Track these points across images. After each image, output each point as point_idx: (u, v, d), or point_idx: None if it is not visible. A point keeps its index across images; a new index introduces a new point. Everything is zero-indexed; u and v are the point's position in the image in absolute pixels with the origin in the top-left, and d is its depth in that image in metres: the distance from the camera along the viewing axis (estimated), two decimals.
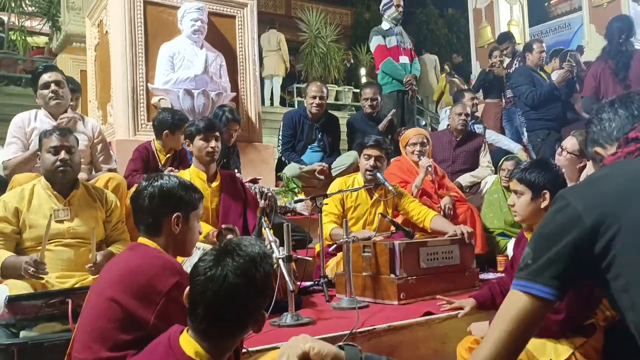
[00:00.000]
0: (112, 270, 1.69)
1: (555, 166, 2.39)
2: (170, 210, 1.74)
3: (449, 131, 4.87)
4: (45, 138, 2.69)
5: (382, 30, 5.66)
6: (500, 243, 4.03)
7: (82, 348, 1.56)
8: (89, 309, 1.63)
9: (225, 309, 1.28)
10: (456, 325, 2.48)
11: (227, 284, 1.27)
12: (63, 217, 2.66)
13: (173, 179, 1.80)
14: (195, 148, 3.07)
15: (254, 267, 1.30)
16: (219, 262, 1.30)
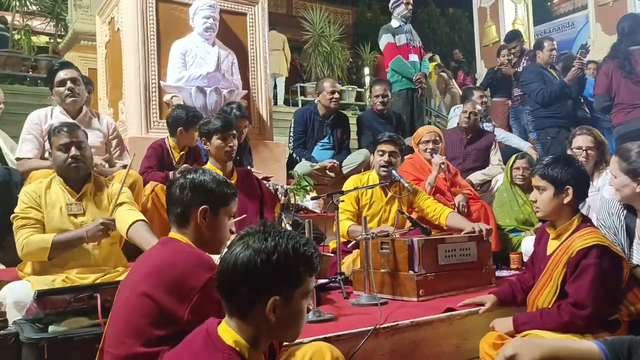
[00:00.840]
0: (145, 264, 1.69)
1: (577, 161, 2.39)
2: (198, 202, 1.73)
3: (460, 129, 4.87)
4: (54, 136, 2.67)
5: (391, 28, 5.67)
6: (512, 240, 4.03)
7: (116, 343, 1.56)
8: (121, 303, 1.63)
9: (229, 277, 1.29)
10: (477, 321, 2.47)
11: (235, 253, 1.29)
12: (76, 211, 2.66)
13: (208, 173, 1.80)
14: (212, 147, 3.07)
15: (265, 244, 1.29)
16: (242, 236, 1.33)
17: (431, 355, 2.39)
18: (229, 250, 1.33)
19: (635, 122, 4.46)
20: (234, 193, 1.82)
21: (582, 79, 5.54)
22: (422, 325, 2.39)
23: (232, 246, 1.33)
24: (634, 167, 2.28)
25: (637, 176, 2.27)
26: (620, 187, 2.34)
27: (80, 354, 1.81)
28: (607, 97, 4.69)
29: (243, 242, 1.31)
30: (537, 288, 2.32)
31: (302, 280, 1.32)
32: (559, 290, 2.20)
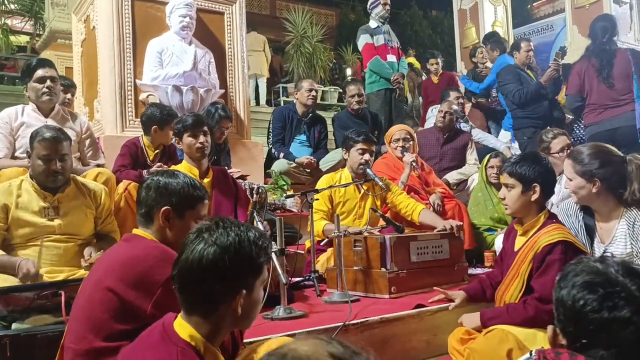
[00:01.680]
0: (108, 260, 1.68)
1: (545, 159, 2.42)
2: (161, 204, 1.73)
3: (436, 129, 4.91)
4: (37, 142, 2.61)
5: (369, 29, 5.69)
6: (487, 239, 4.07)
7: (76, 338, 1.55)
8: (83, 299, 1.62)
9: (193, 275, 1.28)
10: (447, 317, 2.50)
11: (197, 250, 1.28)
12: (52, 215, 2.65)
13: (178, 175, 1.79)
14: (184, 145, 3.06)
15: (230, 239, 1.29)
16: (200, 232, 1.32)
17: (401, 351, 2.41)
18: (188, 248, 1.31)
19: (607, 122, 4.53)
20: (202, 196, 1.81)
21: (558, 80, 5.61)
22: (392, 322, 2.41)
23: (190, 243, 1.32)
24: (588, 169, 2.32)
25: (592, 177, 2.31)
26: (576, 189, 2.37)
27: (43, 351, 1.79)
28: (579, 97, 4.72)
29: (202, 239, 1.30)
30: (504, 284, 2.35)
31: (262, 270, 1.35)
32: (526, 286, 2.23)
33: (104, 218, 2.82)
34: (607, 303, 1.15)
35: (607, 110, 4.54)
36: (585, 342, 1.18)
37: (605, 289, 1.16)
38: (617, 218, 2.35)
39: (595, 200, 2.36)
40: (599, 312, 1.15)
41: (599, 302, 1.16)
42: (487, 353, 2.06)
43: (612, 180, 2.31)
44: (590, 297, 1.17)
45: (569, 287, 1.21)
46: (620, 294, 1.15)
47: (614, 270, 1.19)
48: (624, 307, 1.13)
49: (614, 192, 2.33)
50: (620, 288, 1.16)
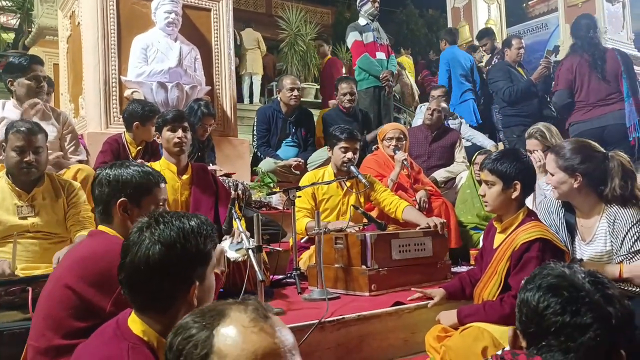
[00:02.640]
0: (71, 256, 1.67)
1: (525, 156, 2.41)
2: (116, 196, 1.70)
3: (425, 127, 4.89)
4: (12, 134, 2.58)
5: (359, 26, 5.66)
6: (473, 237, 4.05)
7: (36, 335, 1.54)
8: (44, 296, 1.60)
9: (142, 275, 1.24)
10: (426, 315, 2.49)
11: (142, 248, 1.25)
12: (26, 214, 2.62)
13: (127, 166, 1.76)
14: (163, 139, 3.04)
15: (173, 234, 1.26)
16: (141, 229, 1.28)
17: (379, 348, 2.39)
18: (132, 249, 1.27)
19: (595, 121, 4.52)
20: (157, 181, 1.77)
21: (548, 78, 5.60)
22: (369, 319, 2.39)
23: (133, 245, 1.27)
24: (570, 164, 2.30)
25: (574, 172, 2.29)
26: (558, 184, 2.35)
27: (10, 348, 1.77)
28: (569, 92, 4.71)
29: (145, 238, 1.26)
30: (482, 281, 2.34)
31: (210, 257, 1.32)
32: (503, 283, 2.22)
33: (77, 211, 2.74)
34: (570, 307, 1.15)
35: (596, 108, 4.55)
36: (544, 344, 1.18)
37: (570, 294, 1.17)
38: (597, 214, 2.34)
39: (577, 196, 2.34)
40: (561, 315, 1.15)
41: (561, 306, 1.16)
42: (462, 351, 2.05)
43: (593, 176, 2.29)
44: (553, 300, 1.17)
45: (534, 289, 1.22)
46: (584, 299, 1.16)
47: (581, 277, 1.20)
48: (586, 314, 1.14)
49: (595, 188, 2.31)
50: (584, 294, 1.16)
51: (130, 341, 1.22)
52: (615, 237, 2.27)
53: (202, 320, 0.91)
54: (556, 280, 1.20)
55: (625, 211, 2.26)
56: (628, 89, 4.53)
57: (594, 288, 1.17)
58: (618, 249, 2.26)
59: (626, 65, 4.59)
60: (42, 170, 2.67)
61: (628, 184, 2.27)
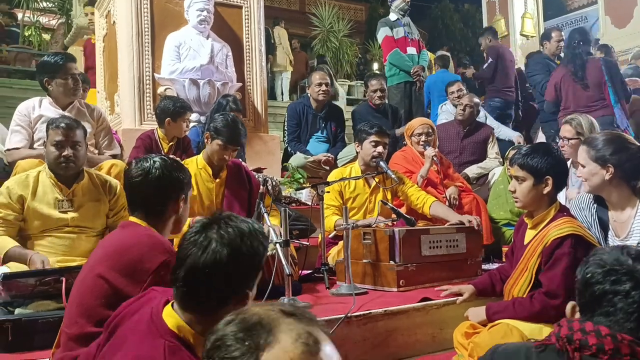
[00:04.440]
0: (103, 247, 1.71)
1: (557, 150, 2.36)
2: (176, 194, 1.77)
3: (457, 122, 4.82)
4: (51, 129, 2.65)
5: (389, 22, 5.63)
6: (505, 234, 3.98)
7: (69, 323, 1.59)
8: (78, 285, 1.65)
9: (204, 277, 1.22)
10: (454, 311, 2.46)
11: (209, 250, 1.23)
12: (67, 208, 2.69)
13: (167, 161, 1.80)
14: (211, 147, 3.01)
15: (240, 239, 1.25)
16: (206, 229, 1.27)
17: (405, 344, 2.37)
18: (195, 247, 1.25)
19: None
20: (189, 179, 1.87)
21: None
22: (396, 315, 2.38)
23: (199, 243, 1.25)
24: (602, 154, 2.25)
25: (605, 163, 2.23)
26: (589, 175, 2.30)
27: (45, 336, 1.83)
28: (555, 104, 4.93)
29: (210, 239, 1.25)
30: (513, 277, 2.30)
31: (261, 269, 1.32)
32: (534, 280, 2.18)
33: (116, 211, 2.84)
34: (610, 277, 1.24)
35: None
36: (590, 314, 1.26)
37: (612, 266, 1.25)
38: (631, 208, 2.27)
39: (609, 188, 2.29)
40: (602, 284, 1.24)
41: (602, 275, 1.25)
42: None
43: (625, 168, 2.23)
44: (597, 271, 1.26)
45: (583, 266, 1.31)
46: (624, 269, 1.24)
47: (626, 253, 1.28)
48: (625, 282, 1.22)
49: (628, 180, 2.25)
50: (626, 266, 1.24)
51: (165, 339, 1.21)
52: None
53: (246, 338, 0.82)
54: (604, 256, 1.29)
55: None
56: (614, 95, 4.65)
57: (635, 262, 1.25)
58: None
59: (610, 73, 4.71)
60: (80, 165, 2.73)
61: None
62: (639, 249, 1.30)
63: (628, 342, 1.15)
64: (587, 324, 1.20)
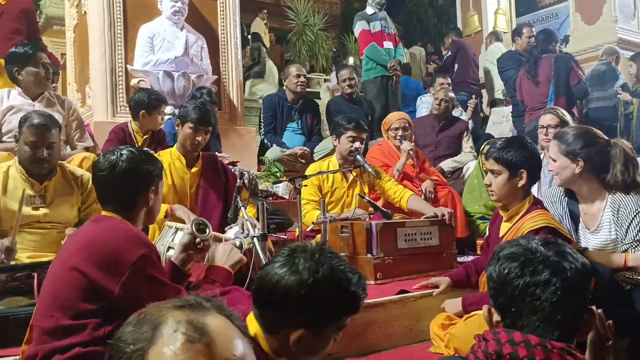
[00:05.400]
0: (76, 241, 1.68)
1: (531, 144, 2.39)
2: (145, 186, 1.75)
3: (432, 116, 4.86)
4: (26, 128, 2.57)
5: (366, 15, 5.63)
6: (480, 227, 4.03)
7: (43, 316, 1.56)
8: (51, 278, 1.63)
9: (273, 300, 1.24)
10: (430, 303, 2.48)
11: (286, 279, 1.23)
12: (38, 205, 2.63)
13: (135, 153, 1.78)
14: (182, 133, 2.98)
15: (321, 275, 1.23)
16: (293, 254, 1.27)
17: (383, 336, 2.39)
18: (272, 265, 1.27)
19: (533, 122, 4.59)
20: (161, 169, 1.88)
21: None
22: (374, 307, 2.39)
23: (278, 262, 1.27)
24: (572, 148, 2.30)
25: (575, 157, 2.28)
26: (560, 169, 2.35)
27: (17, 332, 1.78)
28: (522, 101, 5.11)
29: (291, 263, 1.25)
30: None
31: (339, 320, 1.28)
32: None
33: (88, 204, 2.79)
34: (528, 268, 1.23)
35: (535, 111, 4.76)
36: (514, 310, 1.24)
37: (526, 257, 1.24)
38: (600, 201, 2.33)
39: (578, 181, 2.34)
40: (522, 277, 1.22)
41: (520, 268, 1.23)
42: (467, 338, 2.03)
43: (595, 162, 2.29)
44: (512, 265, 1.24)
45: (494, 263, 1.29)
46: (539, 259, 1.23)
47: (535, 242, 1.28)
48: (543, 271, 1.21)
49: (597, 174, 2.31)
50: (539, 254, 1.23)
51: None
52: (619, 225, 2.26)
53: (135, 336, 0.76)
54: (513, 249, 1.27)
55: (629, 199, 2.25)
56: (553, 92, 4.82)
57: (546, 249, 1.24)
58: (623, 237, 2.26)
59: (558, 70, 4.85)
60: (54, 163, 2.68)
61: (629, 170, 2.27)
62: (542, 237, 1.32)
63: (558, 350, 1.13)
64: (516, 334, 1.17)
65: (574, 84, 4.81)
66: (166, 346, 0.74)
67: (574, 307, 1.21)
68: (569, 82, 4.83)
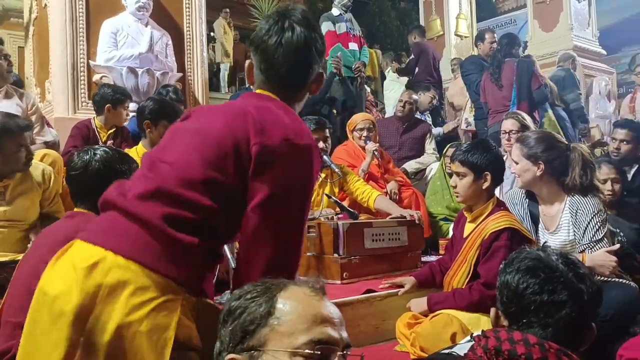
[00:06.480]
0: (53, 236, 1.65)
1: (495, 147, 2.46)
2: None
3: (396, 118, 4.93)
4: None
5: (332, 17, 5.65)
6: (443, 227, 4.12)
7: (16, 311, 1.54)
8: (27, 273, 1.59)
9: None
10: (396, 302, 2.52)
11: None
12: None
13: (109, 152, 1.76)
14: (158, 131, 2.94)
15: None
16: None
17: (349, 335, 2.36)
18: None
19: (496, 125, 4.69)
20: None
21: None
22: (340, 307, 2.32)
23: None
24: (534, 152, 2.38)
25: (537, 160, 2.36)
26: (521, 172, 2.42)
27: None
28: (486, 104, 5.21)
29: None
30: (452, 269, 2.39)
31: None
32: (473, 271, 2.27)
33: (50, 200, 2.73)
34: (547, 287, 1.25)
35: (498, 114, 4.85)
36: (524, 321, 1.27)
37: (547, 274, 1.26)
38: (559, 203, 2.41)
39: (539, 183, 2.42)
40: (540, 295, 1.25)
41: (539, 286, 1.26)
42: (432, 337, 2.09)
43: (555, 165, 2.37)
44: (532, 281, 1.26)
45: (513, 272, 1.30)
46: (559, 279, 1.25)
47: (555, 259, 1.29)
48: (561, 291, 1.24)
49: (557, 177, 2.39)
50: (559, 274, 1.26)
51: None
52: (577, 227, 2.35)
53: (264, 287, 0.99)
54: (533, 263, 1.29)
55: (586, 201, 2.34)
56: (515, 96, 4.94)
57: (567, 268, 1.27)
58: (580, 238, 2.34)
59: (520, 74, 4.98)
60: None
61: (587, 174, 2.36)
62: (561, 252, 1.35)
63: (555, 350, 1.16)
64: (515, 334, 1.20)
65: (535, 89, 4.94)
66: (297, 290, 0.98)
67: (582, 327, 1.26)
68: (530, 86, 4.95)
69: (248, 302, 0.97)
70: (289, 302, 0.95)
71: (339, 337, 0.95)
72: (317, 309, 0.95)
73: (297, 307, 0.95)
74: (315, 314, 0.94)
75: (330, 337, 0.94)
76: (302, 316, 0.93)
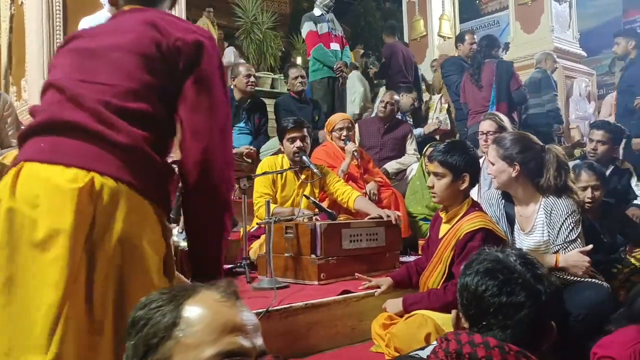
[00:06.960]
0: None
1: (472, 149, 2.47)
2: None
3: (378, 119, 4.94)
4: None
5: (313, 17, 5.66)
6: (422, 228, 4.13)
7: None
8: None
9: None
10: (373, 303, 2.52)
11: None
12: None
13: None
14: None
15: None
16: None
17: (326, 336, 2.41)
18: None
19: (476, 126, 4.74)
20: None
21: None
22: (317, 308, 2.41)
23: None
24: (510, 153, 2.40)
25: (512, 161, 2.38)
26: (497, 173, 2.44)
27: None
28: (466, 105, 5.29)
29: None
30: (428, 270, 2.40)
31: None
32: (448, 272, 2.28)
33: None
34: (505, 288, 1.25)
35: (477, 114, 4.88)
36: (484, 324, 1.27)
37: (505, 276, 1.27)
38: (534, 204, 2.43)
39: (514, 184, 2.43)
40: (498, 297, 1.25)
41: (498, 288, 1.26)
42: (406, 337, 2.09)
43: (530, 166, 2.39)
44: (491, 283, 1.27)
45: (472, 274, 1.31)
46: (517, 280, 1.26)
47: (513, 260, 1.30)
48: (520, 293, 1.24)
49: (532, 178, 2.41)
50: (517, 275, 1.26)
51: None
52: (552, 227, 2.37)
53: (170, 295, 0.91)
54: (492, 265, 1.29)
55: (561, 202, 2.36)
56: (495, 97, 5.01)
57: (525, 269, 1.27)
58: (554, 239, 2.36)
59: (499, 75, 5.04)
60: None
61: (562, 175, 2.38)
62: (519, 252, 1.35)
63: (515, 352, 1.17)
64: (476, 336, 1.21)
65: (514, 90, 4.99)
66: (206, 297, 0.90)
67: (541, 326, 1.27)
68: (509, 87, 5.00)
69: (152, 312, 0.90)
70: (195, 311, 0.88)
71: (251, 346, 0.88)
72: (227, 316, 0.88)
73: (204, 315, 0.88)
74: (225, 322, 0.88)
75: (241, 348, 0.87)
76: (209, 326, 0.87)
